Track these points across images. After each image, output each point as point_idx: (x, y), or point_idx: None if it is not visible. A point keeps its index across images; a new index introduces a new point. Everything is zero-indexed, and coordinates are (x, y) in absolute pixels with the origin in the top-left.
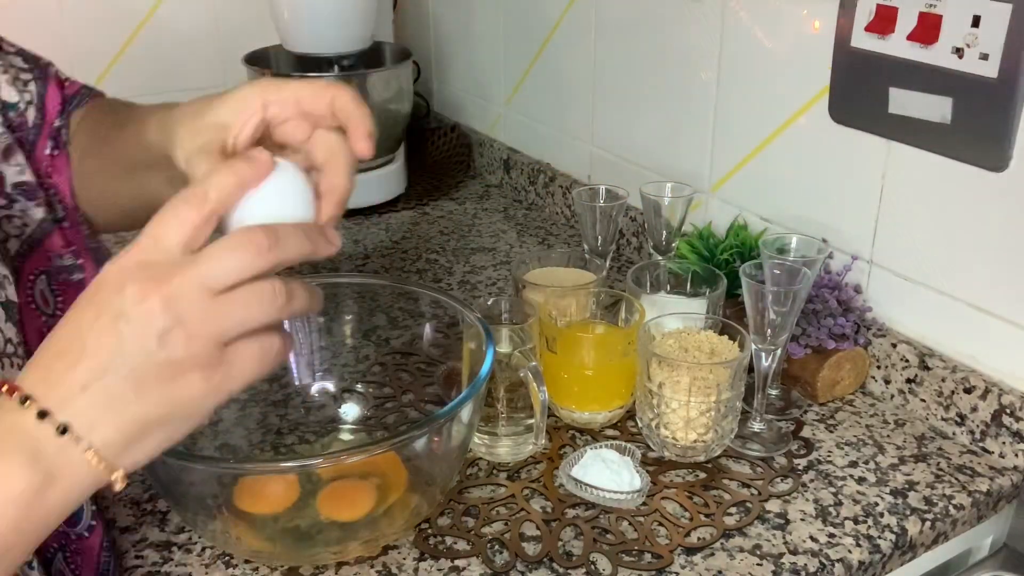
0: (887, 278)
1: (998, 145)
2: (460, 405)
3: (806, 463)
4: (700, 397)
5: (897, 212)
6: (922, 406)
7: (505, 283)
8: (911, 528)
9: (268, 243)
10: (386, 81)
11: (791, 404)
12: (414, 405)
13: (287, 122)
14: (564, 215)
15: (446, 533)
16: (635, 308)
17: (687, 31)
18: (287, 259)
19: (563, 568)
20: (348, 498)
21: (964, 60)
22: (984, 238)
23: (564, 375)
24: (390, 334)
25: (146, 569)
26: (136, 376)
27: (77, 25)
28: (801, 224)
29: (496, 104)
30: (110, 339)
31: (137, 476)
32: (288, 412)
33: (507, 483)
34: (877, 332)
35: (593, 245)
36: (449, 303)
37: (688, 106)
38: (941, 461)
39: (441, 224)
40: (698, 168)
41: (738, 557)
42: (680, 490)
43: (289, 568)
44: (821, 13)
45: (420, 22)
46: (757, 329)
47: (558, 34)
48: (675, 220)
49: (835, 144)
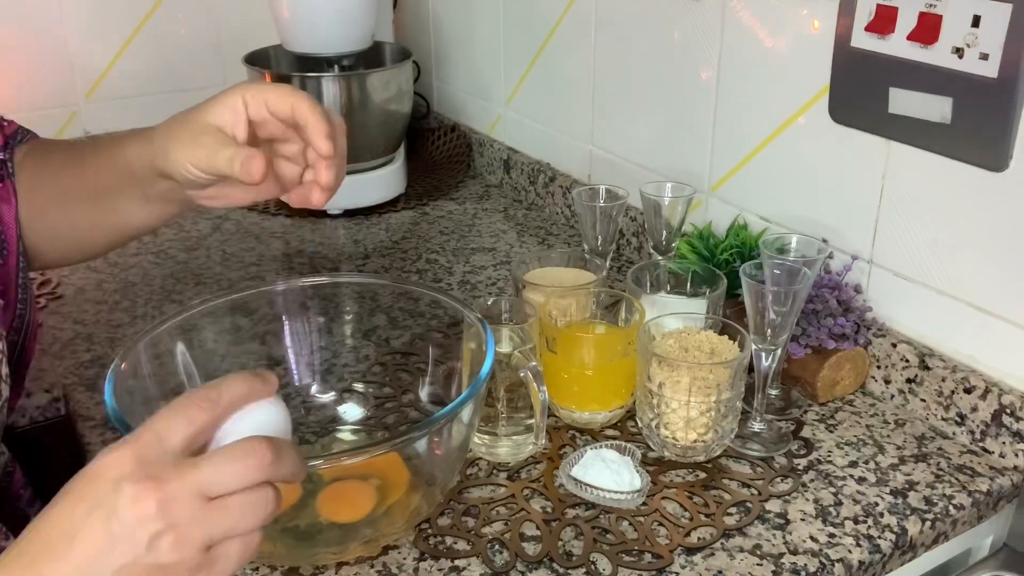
0: (887, 278)
1: (998, 145)
2: (460, 405)
3: (806, 463)
4: (700, 397)
5: (897, 212)
6: (922, 406)
7: (505, 283)
8: (911, 528)
9: (272, 458)
10: (386, 81)
11: (791, 404)
12: (414, 405)
13: (266, 121)
14: (564, 215)
15: (446, 533)
16: (635, 308)
17: (687, 31)
18: (282, 478)
19: (563, 568)
20: (348, 499)
21: (964, 60)
22: (984, 238)
23: (564, 375)
24: (390, 334)
25: None
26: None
27: (77, 25)
28: (801, 224)
29: (496, 104)
30: (100, 538)
31: None
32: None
33: (507, 483)
34: (877, 332)
35: (593, 245)
36: (449, 303)
37: (688, 106)
38: (941, 461)
39: (441, 224)
40: (698, 168)
41: (738, 557)
42: (680, 490)
43: (289, 568)
44: (821, 13)
45: (420, 22)
46: (757, 329)
47: (558, 34)
48: (675, 220)
49: (835, 144)
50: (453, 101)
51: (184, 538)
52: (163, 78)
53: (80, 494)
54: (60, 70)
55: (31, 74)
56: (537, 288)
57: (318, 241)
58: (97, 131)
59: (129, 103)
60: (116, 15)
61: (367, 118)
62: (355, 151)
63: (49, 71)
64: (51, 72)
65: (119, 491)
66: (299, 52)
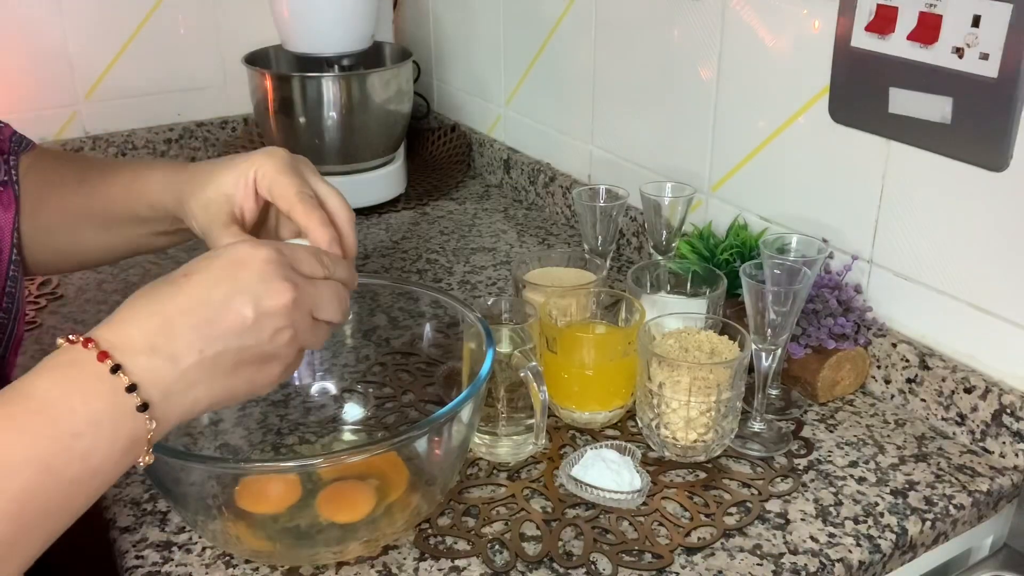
0: (887, 278)
1: (998, 145)
2: (460, 405)
3: (806, 463)
4: (700, 397)
5: (897, 212)
6: (922, 406)
7: (505, 283)
8: (911, 528)
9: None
10: (386, 81)
11: (791, 404)
12: (414, 405)
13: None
14: (564, 215)
15: (446, 533)
16: (635, 308)
17: (687, 31)
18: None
19: (563, 568)
20: (348, 499)
21: (964, 60)
22: (984, 238)
23: (564, 375)
24: (390, 334)
25: (146, 569)
26: (240, 357)
27: (77, 25)
28: (801, 224)
29: (496, 104)
30: (237, 320)
31: (137, 476)
32: (288, 412)
33: (507, 483)
34: (877, 332)
35: (593, 245)
36: (449, 303)
37: (688, 106)
38: (941, 461)
39: (441, 224)
40: (698, 168)
41: (738, 557)
42: (680, 490)
43: (289, 568)
44: (821, 13)
45: (420, 22)
46: (757, 329)
47: (558, 34)
48: (675, 220)
49: (835, 144)
50: (453, 101)
51: (295, 340)
52: (163, 78)
53: (220, 277)
54: (60, 70)
55: (31, 74)
56: (537, 288)
57: None
58: (97, 131)
59: (129, 103)
60: (116, 15)
61: (367, 118)
62: (355, 151)
63: (49, 71)
64: (51, 72)
65: (266, 283)
66: (299, 52)
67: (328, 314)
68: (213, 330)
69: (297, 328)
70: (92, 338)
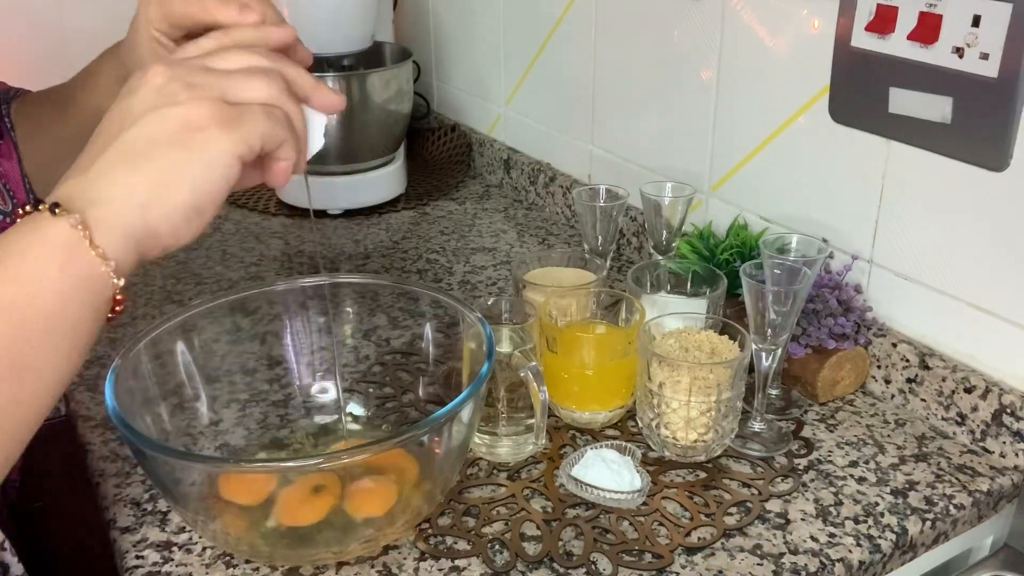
0: (887, 278)
1: (998, 145)
2: (460, 405)
3: (806, 463)
4: (700, 397)
5: (897, 212)
6: (922, 406)
7: (505, 283)
8: (911, 528)
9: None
10: (386, 81)
11: (791, 404)
12: (414, 405)
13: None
14: (564, 215)
15: (446, 533)
16: (635, 308)
17: (687, 31)
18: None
19: (563, 568)
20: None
21: (964, 60)
22: (984, 238)
23: (564, 375)
24: (390, 334)
25: (146, 569)
26: (147, 132)
27: (77, 25)
28: (801, 224)
29: (496, 104)
30: (122, 109)
31: (138, 476)
32: (288, 412)
33: (507, 483)
34: (877, 332)
35: (593, 245)
36: (449, 303)
37: (688, 106)
38: (941, 461)
39: (441, 224)
40: (698, 168)
41: (738, 557)
42: (680, 490)
43: (289, 568)
44: (821, 13)
45: (420, 22)
46: (757, 329)
47: (558, 34)
48: (675, 220)
49: (835, 144)
50: (453, 101)
51: (192, 83)
52: None
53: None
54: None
55: (31, 74)
56: (537, 288)
57: (318, 241)
58: None
59: None
60: (116, 14)
61: (367, 118)
62: (355, 151)
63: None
64: (51, 72)
65: (138, 80)
66: None
67: (235, 61)
68: (105, 132)
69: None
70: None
